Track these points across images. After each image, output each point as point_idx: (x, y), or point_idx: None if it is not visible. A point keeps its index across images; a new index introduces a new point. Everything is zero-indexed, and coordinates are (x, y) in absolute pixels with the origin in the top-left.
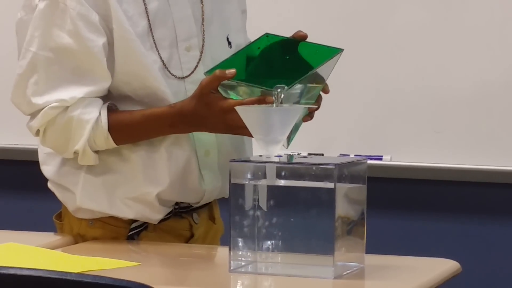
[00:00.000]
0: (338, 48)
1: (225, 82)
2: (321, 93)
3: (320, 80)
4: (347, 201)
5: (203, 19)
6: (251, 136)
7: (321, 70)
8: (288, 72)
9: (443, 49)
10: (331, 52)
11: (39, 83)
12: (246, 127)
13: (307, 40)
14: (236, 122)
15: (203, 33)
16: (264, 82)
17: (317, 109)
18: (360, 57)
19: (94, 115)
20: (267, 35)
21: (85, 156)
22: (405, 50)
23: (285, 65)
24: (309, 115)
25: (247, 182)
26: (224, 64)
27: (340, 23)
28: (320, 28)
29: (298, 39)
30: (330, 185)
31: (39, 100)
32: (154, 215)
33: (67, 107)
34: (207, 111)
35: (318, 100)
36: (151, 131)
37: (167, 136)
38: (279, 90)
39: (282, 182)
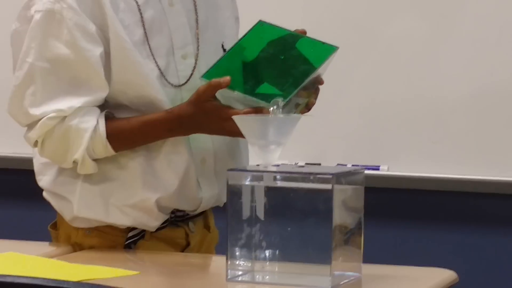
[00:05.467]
0: (334, 46)
1: (223, 90)
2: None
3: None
4: (345, 210)
5: (197, 27)
6: None
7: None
8: (287, 71)
9: (439, 59)
10: (328, 51)
11: (36, 94)
12: None
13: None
14: (234, 129)
15: (198, 41)
16: (262, 94)
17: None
18: (357, 67)
19: (92, 124)
20: (261, 23)
21: (84, 165)
22: (401, 60)
23: (284, 62)
24: (306, 107)
25: (244, 191)
26: (220, 64)
27: (336, 33)
28: (316, 38)
29: (295, 33)
30: (327, 195)
31: (36, 111)
32: (152, 221)
33: (65, 117)
34: (205, 118)
35: (315, 92)
36: (149, 136)
37: (165, 144)
38: (275, 106)
39: (278, 184)
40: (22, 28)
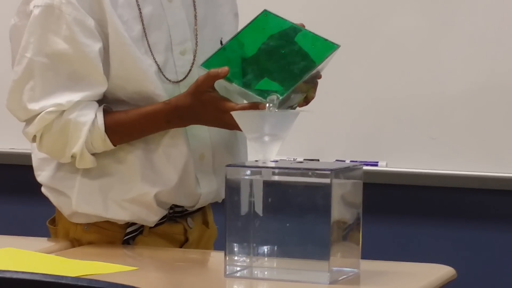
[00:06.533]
0: (335, 44)
1: (221, 80)
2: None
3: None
4: (343, 206)
5: (196, 23)
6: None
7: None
8: (286, 66)
9: (438, 55)
10: (329, 48)
11: (35, 89)
12: None
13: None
14: (231, 121)
15: (196, 37)
16: (260, 87)
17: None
18: (356, 64)
19: (90, 117)
20: (266, 13)
21: (83, 159)
22: (400, 56)
23: (284, 57)
24: (304, 101)
25: (242, 187)
26: (220, 53)
27: (335, 29)
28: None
29: (298, 27)
30: (326, 190)
31: (35, 106)
32: (151, 216)
33: (63, 111)
34: (203, 109)
35: (314, 87)
36: (147, 128)
37: (164, 138)
38: (271, 104)
39: (277, 179)
40: (21, 23)
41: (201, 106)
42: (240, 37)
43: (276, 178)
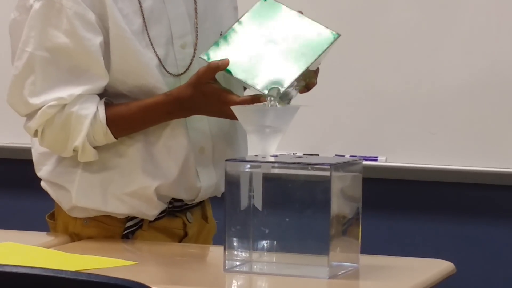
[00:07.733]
0: (336, 33)
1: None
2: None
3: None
4: (342, 201)
5: (196, 16)
6: None
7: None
8: (287, 56)
9: (438, 50)
10: (329, 37)
11: (36, 84)
12: None
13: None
14: (232, 112)
15: (196, 30)
16: (260, 79)
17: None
18: (355, 58)
19: (92, 110)
20: None
21: (85, 152)
22: (400, 51)
23: (285, 47)
24: (306, 87)
25: (242, 181)
26: (220, 43)
27: (333, 24)
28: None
29: (299, 14)
30: (325, 185)
31: (36, 100)
32: (151, 210)
33: (65, 105)
34: (204, 100)
35: (316, 73)
36: (149, 120)
37: (164, 131)
38: (272, 98)
39: (276, 174)
40: (21, 17)
41: (202, 97)
42: (240, 25)
43: (275, 172)
